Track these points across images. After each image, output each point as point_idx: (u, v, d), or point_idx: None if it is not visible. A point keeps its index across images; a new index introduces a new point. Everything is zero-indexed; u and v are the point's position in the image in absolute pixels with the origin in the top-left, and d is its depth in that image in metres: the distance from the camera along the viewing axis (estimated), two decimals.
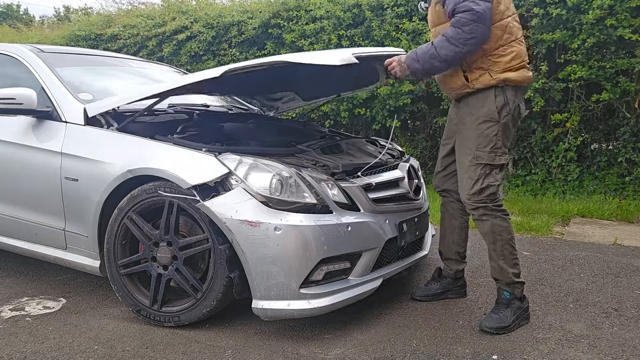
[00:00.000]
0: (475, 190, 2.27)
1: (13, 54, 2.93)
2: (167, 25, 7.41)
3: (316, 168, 2.30)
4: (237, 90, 3.41)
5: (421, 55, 2.22)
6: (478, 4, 2.10)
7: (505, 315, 2.27)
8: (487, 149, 2.26)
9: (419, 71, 2.27)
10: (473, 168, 2.28)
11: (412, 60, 2.26)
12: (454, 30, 2.14)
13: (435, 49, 2.18)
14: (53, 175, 2.50)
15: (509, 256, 2.32)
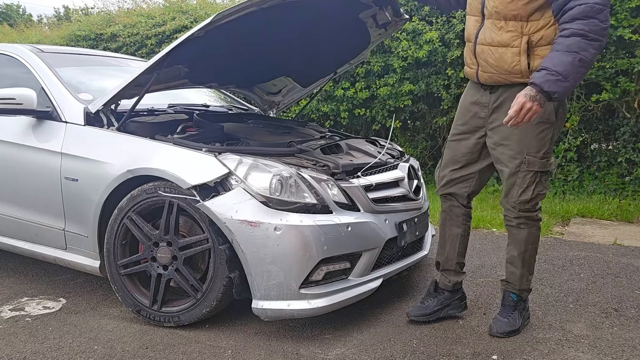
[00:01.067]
0: (524, 200, 2.08)
1: (13, 54, 2.93)
2: (167, 25, 7.41)
3: (316, 168, 2.30)
4: (231, 77, 3.37)
5: (567, 70, 1.77)
6: None
7: (514, 318, 2.21)
8: (540, 154, 2.02)
9: (567, 90, 1.83)
10: (522, 175, 2.05)
11: (556, 84, 1.79)
12: (589, 22, 1.75)
13: (577, 54, 1.76)
14: (53, 175, 2.50)
15: (532, 265, 2.24)
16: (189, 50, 2.39)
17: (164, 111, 2.85)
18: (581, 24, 1.77)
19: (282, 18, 2.57)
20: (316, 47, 3.01)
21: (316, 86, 3.60)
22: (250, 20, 2.34)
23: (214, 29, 2.24)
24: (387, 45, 5.72)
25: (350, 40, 3.05)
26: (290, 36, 2.83)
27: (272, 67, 3.34)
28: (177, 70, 2.80)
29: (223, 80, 3.39)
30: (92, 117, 2.51)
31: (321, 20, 2.73)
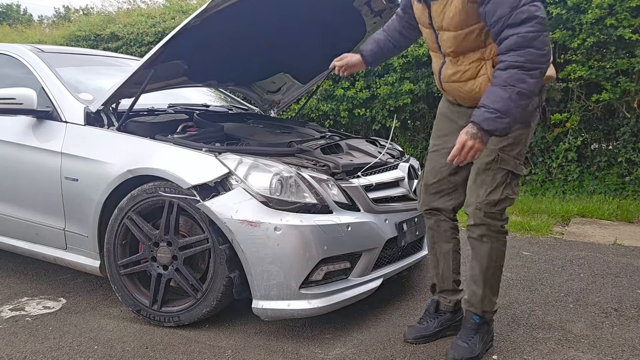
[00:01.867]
0: (491, 200, 1.89)
1: (13, 54, 2.93)
2: (167, 25, 7.41)
3: (316, 168, 2.30)
4: (229, 74, 3.36)
5: (505, 106, 1.67)
6: (538, 7, 1.65)
7: (474, 344, 1.99)
8: (514, 153, 1.89)
9: (509, 126, 1.72)
10: (493, 173, 1.89)
11: (494, 121, 1.69)
12: (524, 52, 1.64)
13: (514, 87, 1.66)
14: (53, 175, 2.50)
15: (496, 284, 2.04)
16: (186, 42, 2.39)
17: (164, 111, 2.85)
18: (516, 55, 1.66)
19: (277, 7, 2.58)
20: (312, 40, 3.01)
21: (315, 82, 3.59)
22: (245, 9, 2.35)
23: (210, 17, 2.24)
24: None
25: (346, 31, 3.04)
26: (287, 28, 2.83)
27: (270, 63, 3.34)
28: (176, 66, 2.80)
29: (222, 78, 3.38)
30: (92, 116, 2.52)
31: (316, 10, 2.73)
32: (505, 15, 1.65)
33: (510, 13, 1.64)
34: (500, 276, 2.04)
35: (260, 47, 2.99)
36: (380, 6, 2.83)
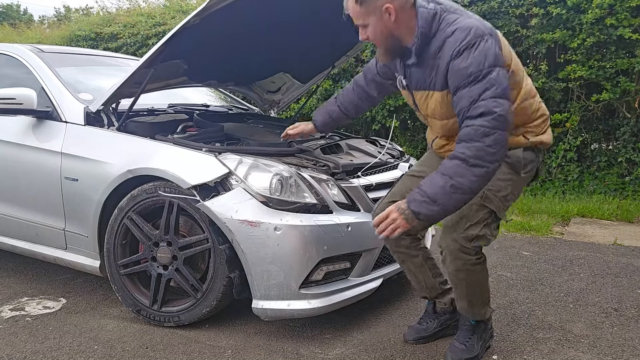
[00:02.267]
0: (469, 235, 1.80)
1: (13, 54, 2.93)
2: (167, 25, 7.41)
3: (316, 168, 2.30)
4: (229, 74, 3.36)
5: (436, 194, 1.64)
6: (500, 104, 1.59)
7: (472, 345, 1.98)
8: (500, 195, 1.81)
9: (437, 214, 1.68)
10: (475, 208, 1.80)
11: (422, 206, 1.66)
12: (472, 146, 1.60)
13: (451, 179, 1.62)
14: (53, 175, 2.50)
15: (483, 297, 1.98)
16: (186, 41, 2.39)
17: (164, 111, 2.85)
18: (463, 147, 1.62)
19: (277, 7, 2.57)
20: (312, 39, 3.00)
21: (315, 82, 3.59)
22: (244, 8, 2.35)
23: (210, 15, 2.24)
24: None
25: (345, 31, 3.03)
26: (286, 28, 2.82)
27: (270, 63, 3.34)
28: (176, 66, 2.79)
29: (222, 78, 3.38)
30: (92, 116, 2.51)
31: (315, 9, 2.73)
32: (465, 107, 1.63)
33: (469, 106, 1.62)
34: (486, 290, 1.97)
35: (260, 47, 2.99)
36: None
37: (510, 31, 5.23)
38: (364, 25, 1.75)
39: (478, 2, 5.33)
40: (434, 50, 1.71)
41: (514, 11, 5.18)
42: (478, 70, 1.60)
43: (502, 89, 1.61)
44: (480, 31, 1.63)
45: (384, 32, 1.73)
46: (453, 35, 1.65)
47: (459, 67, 1.63)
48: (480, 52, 1.61)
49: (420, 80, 1.80)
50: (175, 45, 2.33)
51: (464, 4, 5.35)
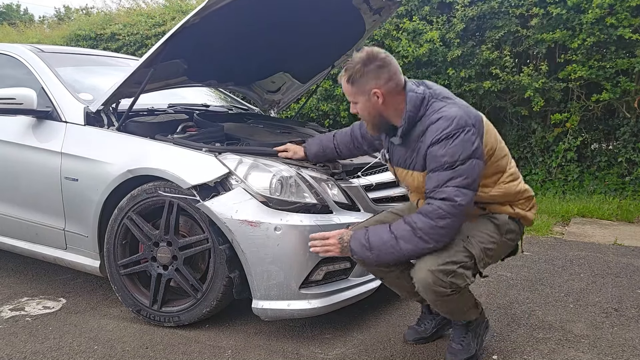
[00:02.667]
0: (444, 270, 1.74)
1: (13, 54, 2.93)
2: (167, 25, 7.41)
3: (316, 168, 2.30)
4: (229, 74, 3.36)
5: (376, 244, 1.78)
6: (463, 194, 1.70)
7: (468, 343, 1.98)
8: (483, 246, 1.82)
9: (368, 260, 1.84)
10: (457, 247, 1.78)
11: (360, 247, 1.80)
12: (426, 222, 1.72)
13: (396, 239, 1.75)
14: (53, 175, 2.50)
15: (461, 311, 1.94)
16: (186, 40, 2.39)
17: (164, 111, 2.85)
18: (419, 218, 1.74)
19: (276, 6, 2.57)
20: (312, 39, 3.00)
21: (315, 82, 3.59)
22: (244, 8, 2.34)
23: (209, 14, 2.23)
24: (387, 44, 5.72)
25: (345, 30, 3.04)
26: (286, 27, 2.82)
27: (270, 63, 3.34)
28: (176, 66, 2.79)
29: (222, 78, 3.38)
30: (92, 116, 2.51)
31: (315, 8, 2.73)
32: (431, 188, 1.75)
33: (435, 188, 1.73)
34: (467, 305, 1.92)
35: (260, 46, 2.99)
36: (379, 4, 2.82)
37: (510, 31, 5.24)
38: (354, 102, 1.88)
39: (478, 2, 5.33)
40: (417, 134, 1.80)
41: (514, 11, 5.18)
42: (452, 160, 1.70)
43: (470, 181, 1.71)
44: (463, 122, 1.72)
45: (372, 112, 1.85)
46: (436, 123, 1.73)
47: (436, 154, 1.72)
48: (458, 143, 1.70)
49: (401, 159, 1.90)
50: (175, 45, 2.33)
51: (464, 4, 5.36)
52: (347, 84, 1.84)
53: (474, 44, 5.41)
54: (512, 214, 1.90)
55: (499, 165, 1.85)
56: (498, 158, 1.84)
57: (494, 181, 1.86)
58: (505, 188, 1.87)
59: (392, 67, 1.79)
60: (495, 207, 1.90)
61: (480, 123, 1.78)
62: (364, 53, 1.80)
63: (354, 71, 1.80)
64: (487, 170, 1.81)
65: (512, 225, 1.92)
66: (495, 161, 1.83)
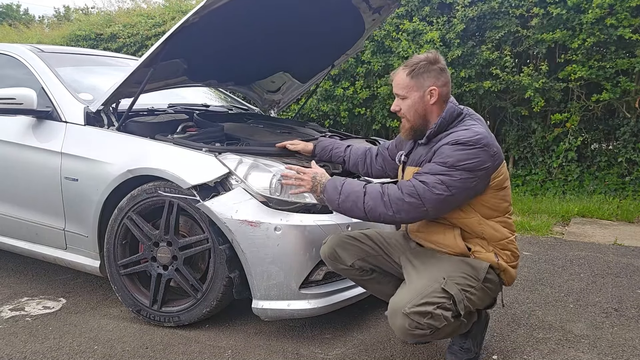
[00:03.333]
0: (419, 311, 1.68)
1: (13, 54, 2.93)
2: (167, 25, 7.41)
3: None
4: (229, 74, 3.36)
5: (346, 191, 1.83)
6: (441, 191, 1.72)
7: (468, 346, 1.97)
8: (460, 287, 1.75)
9: (332, 204, 1.87)
10: (433, 288, 1.72)
11: (333, 189, 1.86)
12: (396, 192, 1.77)
13: (364, 194, 1.80)
14: (53, 175, 2.50)
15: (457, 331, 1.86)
16: (185, 40, 2.38)
17: (164, 111, 2.85)
18: (393, 187, 1.79)
19: (276, 6, 2.57)
20: (311, 39, 3.00)
21: (315, 81, 3.59)
22: (243, 7, 2.34)
23: (209, 14, 2.23)
24: (387, 45, 5.72)
25: (344, 30, 3.04)
26: (285, 27, 2.82)
27: (270, 62, 3.34)
28: (176, 65, 2.79)
29: (222, 77, 3.38)
30: (92, 116, 2.51)
31: (315, 8, 2.73)
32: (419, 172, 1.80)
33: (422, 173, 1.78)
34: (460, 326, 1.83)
35: (259, 46, 2.99)
36: (378, 3, 2.82)
37: (511, 31, 5.24)
38: (403, 97, 1.88)
39: (478, 3, 5.33)
40: (440, 137, 1.83)
41: (514, 11, 5.18)
42: (453, 163, 1.73)
43: (457, 187, 1.72)
44: (485, 141, 1.75)
45: (419, 110, 1.87)
46: (461, 132, 1.78)
47: (444, 151, 1.76)
48: (469, 154, 1.73)
49: (416, 157, 1.92)
50: (174, 44, 2.33)
51: (464, 4, 5.36)
52: (407, 76, 1.85)
53: (474, 44, 5.41)
54: (495, 264, 1.84)
55: (501, 205, 1.85)
56: (505, 197, 1.85)
57: (491, 215, 1.84)
58: (497, 228, 1.84)
59: (448, 75, 1.89)
60: (480, 250, 1.84)
61: (500, 155, 1.82)
62: (430, 54, 1.86)
63: (418, 66, 1.84)
64: (490, 200, 1.82)
65: (492, 275, 1.85)
66: (501, 198, 1.84)
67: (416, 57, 1.87)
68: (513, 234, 1.90)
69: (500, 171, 1.81)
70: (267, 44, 2.99)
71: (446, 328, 1.73)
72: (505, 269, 1.86)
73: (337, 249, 1.99)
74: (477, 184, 1.76)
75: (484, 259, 1.83)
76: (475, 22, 5.41)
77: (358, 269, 2.01)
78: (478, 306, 1.86)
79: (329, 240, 2.03)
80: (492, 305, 1.96)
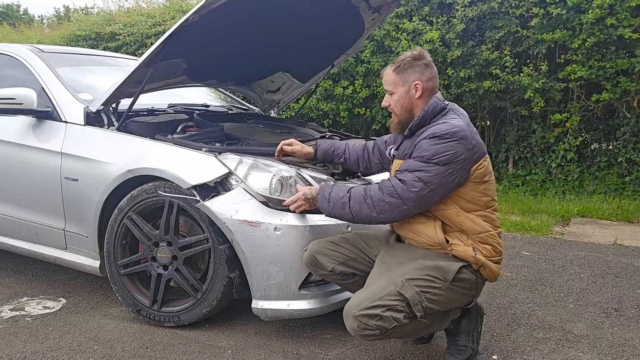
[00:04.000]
0: (368, 314, 1.71)
1: (13, 54, 2.93)
2: (167, 24, 7.41)
3: (316, 168, 2.30)
4: (229, 74, 3.36)
5: (333, 198, 1.91)
6: (420, 188, 1.76)
7: (464, 343, 1.98)
8: (418, 289, 1.76)
9: (324, 212, 1.96)
10: (386, 292, 1.75)
11: (322, 198, 1.95)
12: (377, 193, 1.83)
13: (349, 199, 1.88)
14: (53, 175, 2.50)
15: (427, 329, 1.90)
16: (185, 40, 2.38)
17: (164, 111, 2.85)
18: (374, 188, 1.86)
19: (275, 5, 2.57)
20: (311, 38, 3.00)
21: (315, 81, 3.59)
22: (243, 6, 2.34)
23: (209, 13, 2.23)
24: (387, 45, 5.72)
25: (344, 29, 3.04)
26: (285, 26, 2.82)
27: (270, 62, 3.33)
28: (175, 65, 2.79)
29: (221, 77, 3.38)
30: (92, 116, 2.51)
31: (314, 7, 2.72)
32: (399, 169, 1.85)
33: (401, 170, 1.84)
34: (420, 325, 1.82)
35: (259, 46, 2.99)
36: (378, 2, 2.82)
37: (510, 31, 5.24)
38: (391, 93, 1.98)
39: (478, 3, 5.33)
40: (422, 131, 1.88)
41: (514, 11, 5.18)
42: (430, 156, 1.78)
43: (435, 183, 1.77)
44: (462, 133, 1.79)
45: (405, 105, 1.94)
46: (439, 125, 1.83)
47: (421, 145, 1.81)
48: (445, 146, 1.77)
49: (402, 150, 1.97)
50: (174, 44, 2.33)
51: (464, 4, 5.36)
52: (393, 72, 1.95)
53: (474, 45, 5.41)
54: (472, 259, 1.82)
55: (482, 199, 1.86)
56: (485, 192, 1.86)
57: (471, 209, 1.84)
58: (477, 222, 1.84)
59: (434, 70, 1.95)
60: (458, 243, 1.84)
61: (481, 149, 1.83)
62: (415, 50, 1.95)
63: (403, 62, 1.93)
64: (469, 192, 1.83)
65: (466, 274, 1.83)
66: (481, 192, 1.85)
67: (403, 54, 1.96)
68: (496, 229, 1.90)
69: (480, 164, 1.83)
70: (267, 43, 2.99)
71: (398, 329, 1.75)
72: (483, 264, 1.84)
73: (316, 255, 2.00)
74: (455, 177, 1.79)
75: (460, 253, 1.83)
76: (475, 22, 5.41)
77: (339, 273, 2.01)
78: (448, 306, 1.86)
79: (309, 247, 2.03)
80: (470, 303, 1.94)
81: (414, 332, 1.87)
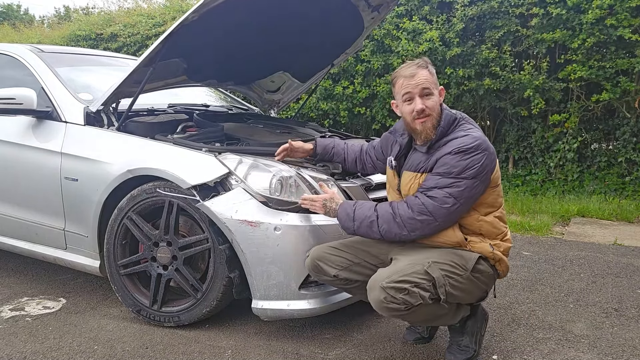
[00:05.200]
0: (396, 287, 1.71)
1: (13, 54, 2.93)
2: (167, 25, 7.41)
3: (316, 168, 2.30)
4: (229, 73, 3.36)
5: (359, 217, 1.88)
6: (452, 203, 1.77)
7: (467, 344, 1.97)
8: (443, 272, 1.77)
9: (348, 231, 1.93)
10: (414, 270, 1.75)
11: (345, 216, 1.91)
12: (407, 211, 1.81)
13: (377, 218, 1.86)
14: (53, 175, 2.50)
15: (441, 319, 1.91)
16: (184, 39, 2.38)
17: (164, 111, 2.85)
18: (403, 206, 1.84)
19: (275, 5, 2.57)
20: (311, 38, 3.00)
21: (314, 81, 3.59)
22: (243, 6, 2.34)
23: (208, 12, 2.23)
24: (387, 44, 5.72)
25: (344, 28, 3.03)
26: (285, 26, 2.82)
27: (269, 62, 3.33)
28: (175, 65, 2.79)
29: (221, 77, 3.38)
30: (92, 116, 2.51)
31: (314, 7, 2.72)
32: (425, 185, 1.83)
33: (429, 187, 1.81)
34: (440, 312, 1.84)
35: (259, 45, 2.98)
36: (377, 1, 2.82)
37: (510, 31, 5.24)
38: (428, 94, 1.87)
39: (478, 2, 5.33)
40: (440, 144, 1.87)
41: (514, 11, 5.18)
42: (458, 172, 1.78)
43: (465, 197, 1.79)
44: (485, 145, 1.81)
45: (438, 109, 1.89)
46: (461, 138, 1.82)
47: (447, 161, 1.80)
48: (473, 160, 1.78)
49: (414, 163, 1.92)
50: (174, 44, 2.33)
51: (464, 3, 5.36)
52: (429, 74, 1.88)
53: (474, 44, 5.41)
54: (490, 255, 1.86)
55: (497, 201, 1.91)
56: (499, 193, 1.92)
57: (488, 212, 1.89)
58: (495, 224, 1.89)
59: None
60: (476, 241, 1.87)
61: (495, 154, 1.87)
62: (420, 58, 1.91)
63: (430, 64, 1.89)
64: (488, 197, 1.88)
65: (484, 266, 1.86)
66: (497, 194, 1.91)
67: (416, 60, 1.90)
68: (506, 227, 1.95)
69: (496, 169, 1.87)
70: (267, 43, 2.99)
71: (422, 308, 1.75)
72: (500, 259, 1.89)
73: (318, 261, 1.98)
74: (481, 187, 1.83)
75: (478, 249, 1.86)
76: (475, 22, 5.41)
77: (342, 279, 1.99)
78: (466, 297, 1.88)
79: (311, 252, 2.02)
80: (484, 299, 1.97)
81: (432, 317, 1.86)
